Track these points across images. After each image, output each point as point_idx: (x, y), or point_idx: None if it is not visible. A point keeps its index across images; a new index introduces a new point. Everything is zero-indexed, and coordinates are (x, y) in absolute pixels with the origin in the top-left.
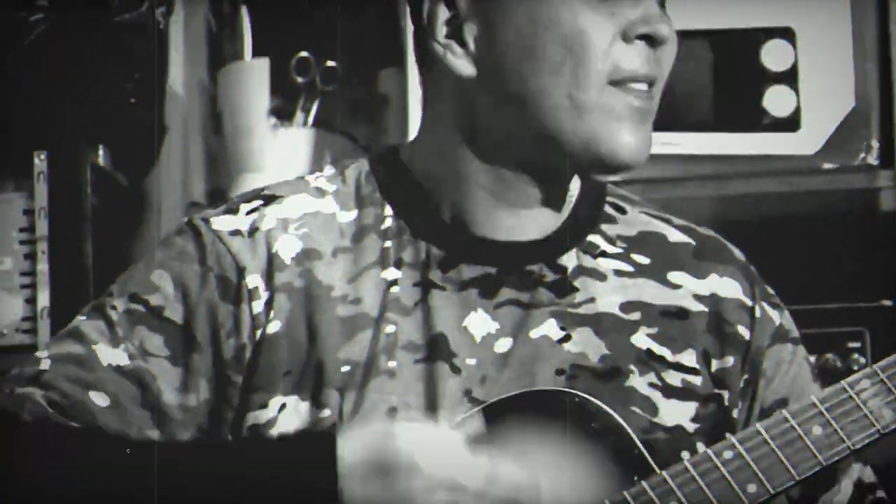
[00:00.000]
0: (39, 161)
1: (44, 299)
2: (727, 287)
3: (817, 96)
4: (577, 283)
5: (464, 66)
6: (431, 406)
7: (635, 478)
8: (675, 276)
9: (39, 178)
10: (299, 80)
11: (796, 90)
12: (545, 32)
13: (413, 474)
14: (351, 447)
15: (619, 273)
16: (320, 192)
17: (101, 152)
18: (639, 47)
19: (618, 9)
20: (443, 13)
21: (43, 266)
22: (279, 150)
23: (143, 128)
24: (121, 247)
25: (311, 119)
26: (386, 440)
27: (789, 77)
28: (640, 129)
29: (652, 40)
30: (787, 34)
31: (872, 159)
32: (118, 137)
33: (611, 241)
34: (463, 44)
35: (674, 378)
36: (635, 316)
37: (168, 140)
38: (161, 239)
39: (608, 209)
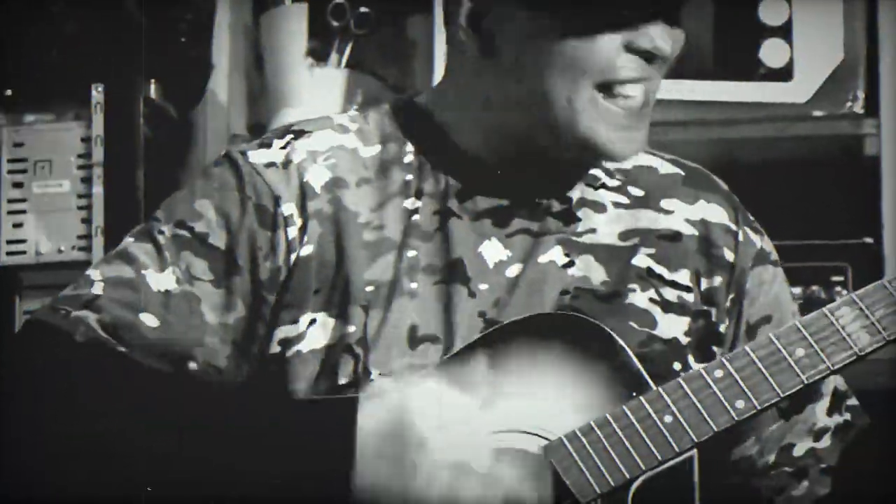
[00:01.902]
0: (97, 93)
1: (98, 219)
2: (714, 212)
3: (809, 49)
4: (579, 214)
5: (482, 49)
6: (448, 324)
7: (633, 393)
8: (667, 203)
9: (96, 108)
10: (335, 23)
11: (790, 43)
12: (555, 40)
13: (422, 451)
14: (369, 416)
15: (617, 205)
16: (343, 129)
17: (153, 86)
18: (636, 56)
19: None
20: (466, 3)
21: (98, 189)
22: (315, 88)
23: (192, 64)
24: (169, 172)
25: (344, 60)
26: (401, 413)
27: (784, 31)
28: (631, 131)
29: (652, 55)
30: None
31: (858, 108)
32: (169, 73)
33: (610, 174)
34: (481, 31)
35: (671, 294)
36: (634, 241)
37: (214, 76)
38: (202, 170)
39: None
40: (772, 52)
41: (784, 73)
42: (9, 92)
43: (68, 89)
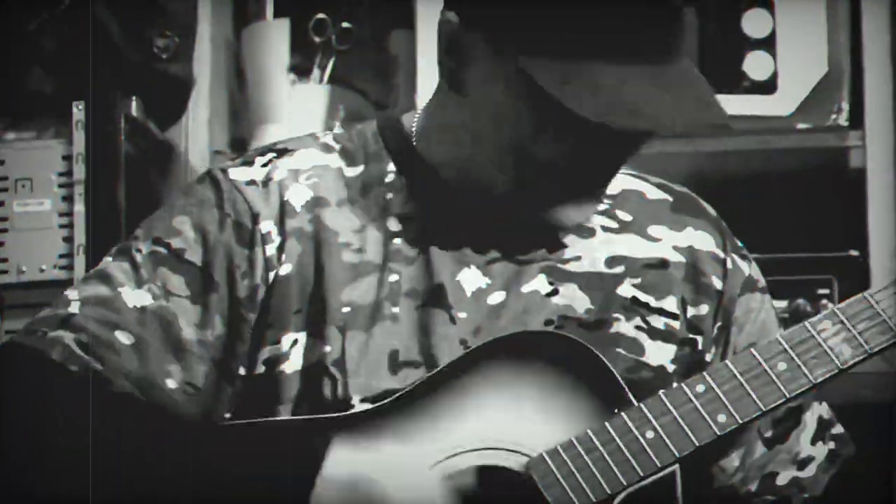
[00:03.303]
0: (77, 111)
1: (80, 238)
2: (702, 240)
3: (793, 62)
4: (566, 240)
5: (451, 83)
6: (428, 351)
7: (615, 410)
8: (654, 230)
9: (77, 126)
10: (317, 39)
11: (774, 56)
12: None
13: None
14: (338, 460)
15: (605, 229)
16: (327, 148)
17: (133, 103)
18: None
19: None
20: (444, 33)
21: (79, 207)
22: (297, 103)
23: (173, 81)
24: (151, 190)
25: (326, 76)
26: (371, 474)
27: (768, 43)
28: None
29: None
30: (766, 3)
31: (843, 120)
32: (150, 90)
33: None
34: (460, 64)
35: (657, 321)
36: (619, 269)
37: (195, 93)
38: (183, 188)
39: None
40: (755, 65)
41: (768, 86)
42: None
43: (49, 107)
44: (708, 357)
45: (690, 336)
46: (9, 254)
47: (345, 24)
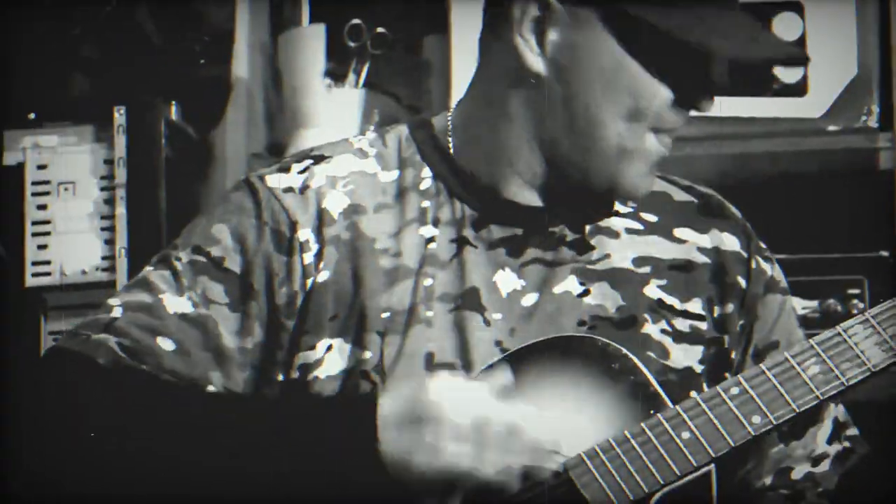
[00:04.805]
0: (119, 115)
1: (122, 240)
2: (727, 241)
3: (823, 64)
4: (593, 242)
5: (536, 63)
6: (464, 352)
7: (651, 411)
8: (680, 232)
9: (118, 130)
10: (352, 44)
11: None
12: (621, 75)
13: (441, 425)
14: (388, 401)
15: (630, 231)
16: (363, 154)
17: (173, 108)
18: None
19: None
20: (533, 10)
21: (121, 210)
22: (332, 108)
23: (211, 86)
24: (190, 192)
25: (361, 80)
26: (418, 393)
27: (798, 46)
28: (655, 171)
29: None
30: (795, 7)
31: (873, 122)
32: (189, 94)
33: (622, 201)
34: (541, 44)
35: (682, 324)
36: (646, 269)
37: (233, 97)
38: (221, 195)
39: None
40: (785, 68)
41: (798, 88)
42: (32, 115)
43: (90, 112)
44: (733, 355)
45: (718, 335)
46: (51, 256)
47: (380, 30)
